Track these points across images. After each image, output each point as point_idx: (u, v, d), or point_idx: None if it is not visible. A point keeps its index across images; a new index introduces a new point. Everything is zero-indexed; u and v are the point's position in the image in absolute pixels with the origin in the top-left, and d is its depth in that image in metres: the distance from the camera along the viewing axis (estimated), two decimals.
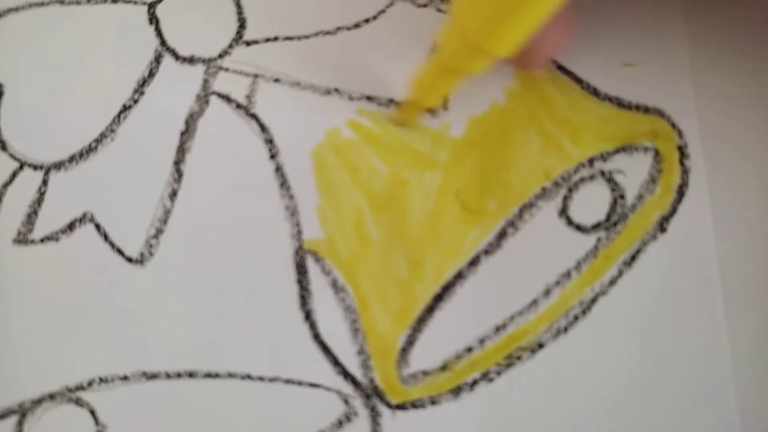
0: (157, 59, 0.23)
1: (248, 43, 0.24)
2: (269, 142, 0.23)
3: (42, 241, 0.22)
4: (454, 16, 0.19)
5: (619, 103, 0.22)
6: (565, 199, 0.22)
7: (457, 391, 0.21)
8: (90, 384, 0.21)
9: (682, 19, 0.23)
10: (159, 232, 0.22)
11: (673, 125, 0.22)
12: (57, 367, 0.21)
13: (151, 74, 0.23)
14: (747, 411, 0.21)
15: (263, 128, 0.23)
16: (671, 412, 0.21)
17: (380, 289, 0.21)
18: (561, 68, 0.23)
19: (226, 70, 0.23)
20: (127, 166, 0.23)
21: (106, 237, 0.22)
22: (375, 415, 0.21)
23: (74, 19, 0.24)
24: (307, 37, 0.24)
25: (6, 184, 0.23)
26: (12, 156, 0.23)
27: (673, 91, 0.22)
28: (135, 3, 0.24)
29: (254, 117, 0.23)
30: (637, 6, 0.23)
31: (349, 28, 0.24)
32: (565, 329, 0.21)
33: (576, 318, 0.21)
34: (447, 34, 0.20)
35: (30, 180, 0.23)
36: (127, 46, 0.24)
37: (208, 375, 0.21)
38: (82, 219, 0.22)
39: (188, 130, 0.23)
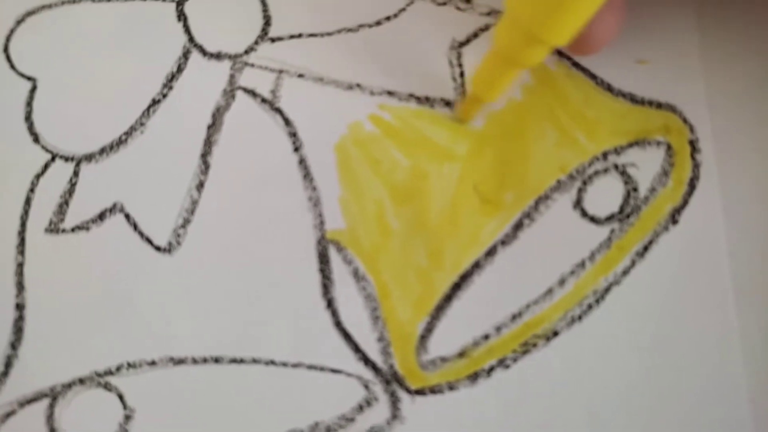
0: (185, 55, 0.24)
1: (273, 40, 0.24)
2: (293, 135, 0.23)
3: (73, 230, 0.23)
4: (508, 7, 0.20)
5: (633, 99, 0.23)
6: (580, 191, 0.22)
7: (474, 377, 0.21)
8: (118, 369, 0.22)
9: (694, 16, 0.24)
10: (186, 222, 0.23)
11: (685, 120, 0.23)
12: (87, 353, 0.22)
13: (180, 69, 0.24)
14: (757, 400, 0.21)
15: (287, 122, 0.23)
16: (682, 399, 0.21)
17: (400, 277, 0.22)
18: (576, 65, 0.23)
19: (252, 65, 0.24)
20: (156, 158, 0.23)
21: (135, 227, 0.23)
22: (395, 400, 0.21)
23: (105, 16, 0.25)
24: (330, 34, 0.24)
25: (38, 175, 0.23)
26: (44, 148, 0.23)
27: (685, 88, 0.23)
28: (164, 0, 0.25)
29: (279, 111, 0.23)
30: (650, 4, 0.23)
31: (370, 26, 0.24)
32: (580, 317, 0.22)
33: (590, 307, 0.22)
34: (502, 25, 0.20)
35: (61, 171, 0.23)
36: (156, 42, 0.24)
37: (233, 360, 0.22)
38: (112, 209, 0.23)
39: (215, 124, 0.23)
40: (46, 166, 0.23)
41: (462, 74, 0.23)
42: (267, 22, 0.24)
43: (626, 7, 0.21)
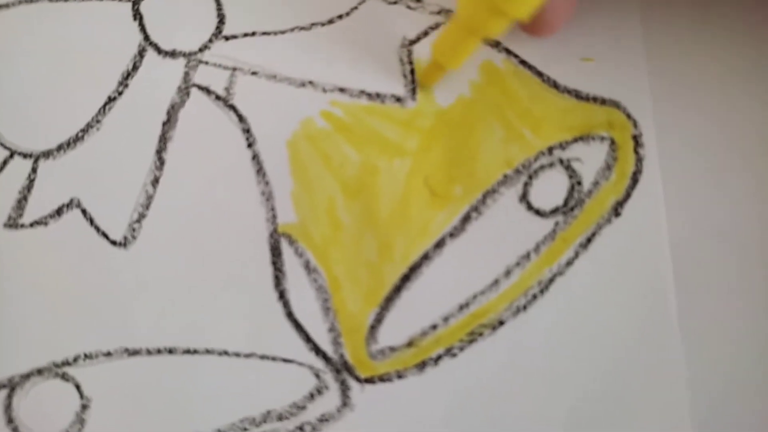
0: (141, 53, 0.24)
1: (227, 38, 0.24)
2: (246, 131, 0.24)
3: (31, 225, 0.23)
4: None
5: (578, 96, 0.24)
6: (526, 185, 0.23)
7: (422, 366, 0.22)
8: (75, 360, 0.22)
9: (638, 15, 0.24)
10: (142, 216, 0.23)
11: (629, 116, 0.23)
12: (44, 344, 0.22)
13: (135, 67, 0.24)
14: (695, 385, 0.22)
15: (241, 118, 0.24)
16: (623, 385, 0.22)
17: (351, 270, 0.22)
18: (523, 63, 0.24)
19: (206, 63, 0.24)
20: (112, 154, 0.24)
21: (91, 221, 0.23)
22: (345, 389, 0.22)
23: (62, 16, 0.25)
24: (283, 32, 0.24)
25: None
26: (2, 145, 0.24)
27: (629, 84, 0.24)
28: (120, 0, 0.25)
29: (232, 108, 0.24)
30: (595, 3, 0.24)
31: (323, 24, 0.25)
32: (524, 307, 0.22)
33: (534, 297, 0.22)
34: None
35: (20, 168, 0.24)
36: (113, 40, 0.24)
37: (187, 351, 0.22)
38: (70, 204, 0.23)
39: (170, 121, 0.24)
40: (4, 163, 0.24)
41: (412, 71, 0.24)
42: (221, 20, 0.25)
43: None
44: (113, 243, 0.23)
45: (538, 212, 0.23)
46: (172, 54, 0.24)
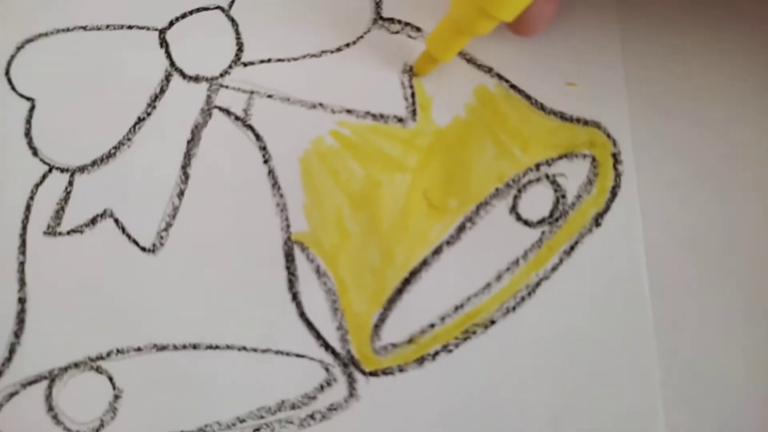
0: (167, 78, 0.26)
1: (245, 65, 0.26)
2: (263, 149, 0.25)
3: (68, 233, 0.24)
4: None
5: (563, 117, 0.25)
6: (515, 198, 0.24)
7: (421, 361, 0.23)
8: (109, 354, 0.23)
9: (619, 43, 0.25)
10: (168, 225, 0.24)
11: (609, 135, 0.25)
12: (80, 340, 0.24)
13: (162, 91, 0.26)
14: (668, 382, 0.23)
15: (258, 137, 0.25)
16: (601, 377, 0.23)
17: (357, 274, 0.24)
18: (513, 87, 0.25)
19: (227, 87, 0.25)
20: (142, 169, 0.25)
21: (123, 230, 0.24)
22: (351, 381, 0.23)
23: (96, 43, 0.26)
24: (296, 59, 0.26)
25: (37, 185, 0.25)
26: (42, 160, 0.25)
27: (609, 107, 0.25)
28: (148, 29, 0.26)
29: (250, 127, 0.25)
30: (578, 33, 0.25)
31: (332, 52, 0.26)
32: (514, 308, 0.24)
33: (523, 299, 0.24)
34: None
35: (58, 181, 0.25)
36: (141, 66, 0.26)
37: (209, 347, 0.23)
38: (103, 214, 0.25)
39: (194, 139, 0.25)
40: (44, 177, 0.25)
41: (413, 94, 0.25)
42: (240, 48, 0.26)
43: (559, 1, 0.24)
44: (143, 249, 0.24)
45: (526, 223, 0.24)
46: (196, 79, 0.26)
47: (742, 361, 0.23)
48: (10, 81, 0.26)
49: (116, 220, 0.25)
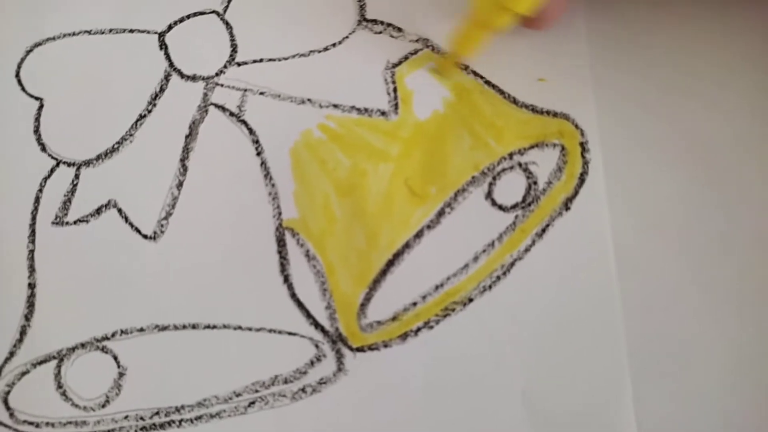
0: (166, 77, 0.27)
1: (239, 64, 0.27)
2: (256, 142, 0.26)
3: (75, 223, 0.26)
4: None
5: (534, 110, 0.26)
6: (490, 185, 0.25)
7: (404, 337, 0.24)
8: (113, 335, 0.25)
9: (585, 41, 0.27)
10: (168, 214, 0.26)
11: (576, 126, 0.26)
12: (87, 322, 0.25)
13: (162, 89, 0.27)
14: (634, 354, 0.24)
15: (251, 131, 0.26)
16: (572, 352, 0.24)
17: (344, 257, 0.25)
18: (488, 83, 0.26)
19: (222, 85, 0.27)
20: (143, 162, 0.26)
21: (126, 219, 0.26)
22: (339, 356, 0.24)
23: (99, 46, 0.27)
24: (286, 58, 0.27)
25: (46, 178, 0.26)
26: (50, 155, 0.26)
27: (577, 100, 0.26)
28: (148, 32, 0.27)
29: (244, 122, 0.26)
30: (548, 32, 0.26)
31: (320, 51, 0.27)
32: (490, 287, 0.25)
33: (498, 278, 0.25)
34: None
35: (65, 174, 0.26)
36: (142, 66, 0.27)
37: (208, 326, 0.25)
38: (107, 205, 0.26)
39: (191, 134, 0.26)
40: (52, 171, 0.26)
41: (395, 90, 0.26)
42: (234, 49, 0.27)
43: None
44: (145, 237, 0.25)
45: (501, 207, 0.25)
46: (193, 78, 0.27)
47: (706, 337, 0.24)
48: (20, 82, 0.27)
49: (119, 210, 0.26)
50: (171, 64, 0.27)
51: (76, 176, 0.26)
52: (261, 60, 0.27)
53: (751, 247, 0.25)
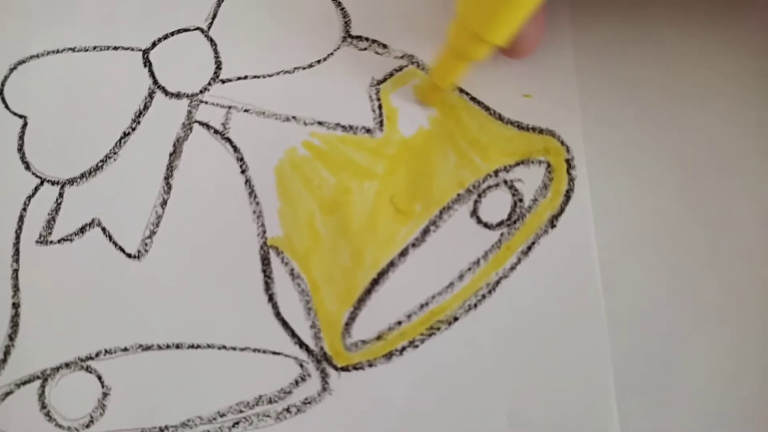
0: (150, 95, 0.27)
1: (223, 81, 0.27)
2: (240, 160, 0.26)
3: (59, 241, 0.26)
4: (458, 13, 0.23)
5: (519, 126, 0.26)
6: (476, 202, 0.25)
7: (389, 356, 0.24)
8: (97, 354, 0.24)
9: (572, 58, 0.27)
10: (153, 233, 0.26)
11: (562, 143, 0.26)
12: (71, 342, 0.25)
13: (146, 107, 0.27)
14: (620, 372, 0.24)
15: (235, 149, 0.26)
16: (558, 371, 0.24)
17: (328, 275, 0.25)
18: (473, 99, 0.26)
19: (206, 103, 0.27)
20: (127, 180, 0.26)
21: (110, 238, 0.26)
22: (324, 376, 0.24)
23: (83, 63, 0.27)
24: (270, 75, 0.27)
25: (30, 197, 0.26)
26: (34, 174, 0.26)
27: (562, 116, 0.26)
28: (132, 50, 0.27)
29: (228, 140, 0.26)
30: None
31: (304, 68, 0.27)
32: (475, 305, 0.25)
33: (484, 297, 0.25)
34: (453, 27, 0.24)
35: (49, 193, 0.26)
36: (126, 84, 0.27)
37: (192, 346, 0.25)
38: (91, 224, 0.26)
39: (176, 152, 0.26)
40: (36, 189, 0.26)
41: (380, 107, 0.26)
42: (218, 66, 0.27)
43: (545, 24, 0.25)
44: (129, 256, 0.25)
45: (486, 225, 0.25)
46: (177, 95, 0.27)
47: (690, 352, 0.24)
48: (3, 100, 0.27)
49: (103, 229, 0.26)
50: (155, 82, 0.27)
51: (60, 195, 0.26)
52: (245, 77, 0.27)
53: (733, 262, 0.25)
